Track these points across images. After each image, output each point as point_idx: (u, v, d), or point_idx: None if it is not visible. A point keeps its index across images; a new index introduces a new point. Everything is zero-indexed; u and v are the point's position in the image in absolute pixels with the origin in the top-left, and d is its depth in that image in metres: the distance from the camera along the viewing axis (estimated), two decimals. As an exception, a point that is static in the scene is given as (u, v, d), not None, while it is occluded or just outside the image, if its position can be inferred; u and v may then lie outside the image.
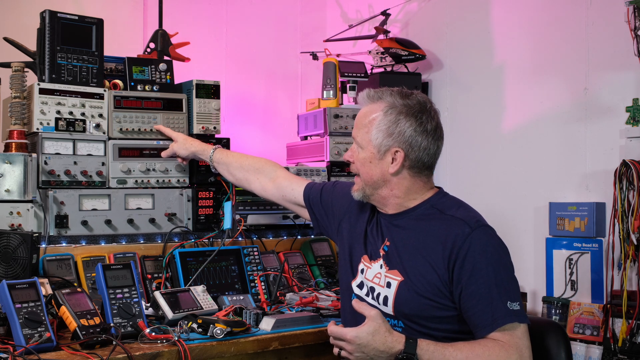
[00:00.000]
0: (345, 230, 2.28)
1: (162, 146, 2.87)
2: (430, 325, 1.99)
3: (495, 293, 1.90)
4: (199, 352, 2.07)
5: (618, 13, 2.75)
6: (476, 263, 1.92)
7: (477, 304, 1.91)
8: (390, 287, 2.04)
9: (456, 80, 3.51)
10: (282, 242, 3.07)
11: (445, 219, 2.02)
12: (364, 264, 2.15)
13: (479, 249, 1.94)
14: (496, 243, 1.98)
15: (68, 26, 2.74)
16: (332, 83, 3.47)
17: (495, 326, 1.88)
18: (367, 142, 2.08)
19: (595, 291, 2.80)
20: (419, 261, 2.01)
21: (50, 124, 2.68)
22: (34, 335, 1.94)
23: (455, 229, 1.97)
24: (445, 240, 1.97)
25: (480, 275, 1.91)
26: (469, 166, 3.44)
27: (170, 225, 2.84)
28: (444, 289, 1.97)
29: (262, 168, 2.64)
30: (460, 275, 1.93)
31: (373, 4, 3.93)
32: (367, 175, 2.10)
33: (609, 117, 2.83)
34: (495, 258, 1.94)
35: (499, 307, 1.89)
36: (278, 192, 2.57)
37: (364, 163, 2.10)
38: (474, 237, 1.95)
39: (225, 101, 3.43)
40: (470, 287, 1.92)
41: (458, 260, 1.94)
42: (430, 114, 2.06)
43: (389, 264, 2.07)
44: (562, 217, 2.91)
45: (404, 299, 2.01)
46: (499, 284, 1.91)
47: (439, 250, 1.98)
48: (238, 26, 3.99)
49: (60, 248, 2.58)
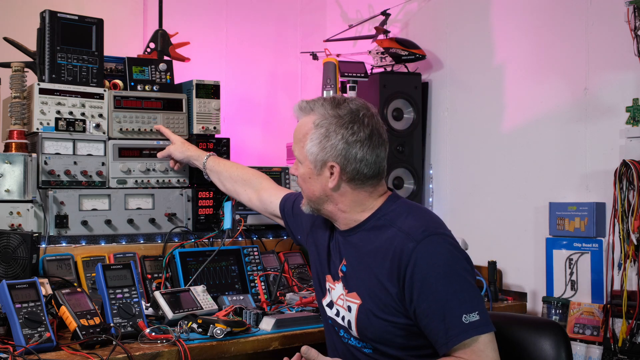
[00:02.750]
0: (313, 245, 2.18)
1: (162, 146, 2.87)
2: (396, 345, 1.90)
3: (447, 309, 1.78)
4: (199, 352, 2.07)
5: (618, 13, 2.75)
6: (424, 279, 1.80)
7: (431, 323, 1.80)
8: (350, 311, 1.95)
9: (456, 80, 3.51)
10: (282, 242, 3.07)
11: (392, 232, 1.89)
12: (329, 284, 2.07)
13: (425, 263, 1.81)
14: (445, 251, 1.83)
15: (68, 26, 2.75)
16: (332, 83, 3.47)
17: (451, 344, 1.77)
18: (303, 157, 1.96)
19: (595, 291, 2.80)
20: (372, 281, 1.90)
21: (50, 124, 2.68)
22: (34, 335, 1.94)
23: (401, 244, 1.85)
24: (393, 257, 1.86)
25: (430, 291, 1.79)
26: (469, 166, 3.44)
27: (170, 225, 2.84)
28: (399, 308, 1.86)
29: (250, 180, 2.63)
30: (412, 293, 1.82)
31: (373, 4, 3.93)
32: (309, 191, 1.99)
33: (609, 117, 2.83)
34: (445, 270, 1.81)
35: (453, 323, 1.77)
36: (261, 204, 2.56)
37: (305, 179, 1.98)
38: (419, 252, 1.81)
39: (225, 101, 3.42)
40: (422, 305, 1.80)
41: (407, 277, 1.82)
42: (364, 121, 1.91)
43: (347, 286, 1.97)
44: (562, 217, 2.91)
45: (365, 323, 1.92)
46: (451, 298, 1.78)
47: (388, 268, 1.86)
48: (238, 26, 3.99)
49: (60, 248, 2.58)
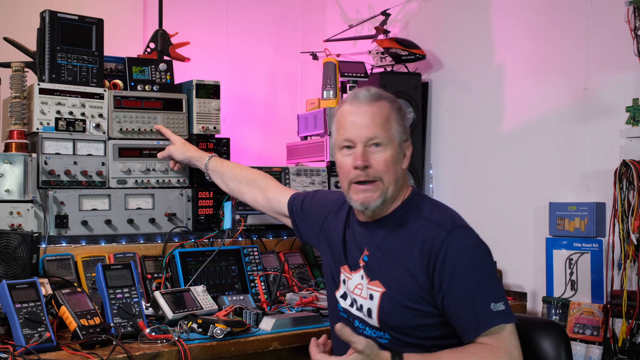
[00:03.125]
0: (324, 240, 2.23)
1: (162, 146, 2.87)
2: (417, 335, 1.95)
3: (477, 296, 1.85)
4: (199, 352, 2.07)
5: (618, 13, 2.75)
6: (455, 267, 1.87)
7: (460, 310, 1.86)
8: (372, 299, 2.00)
9: (456, 80, 3.51)
10: (282, 242, 3.07)
11: (421, 223, 1.97)
12: (344, 274, 2.11)
13: (456, 252, 1.89)
14: (474, 243, 1.93)
15: (68, 26, 2.75)
16: (332, 83, 3.47)
17: (480, 330, 1.83)
18: (390, 139, 2.00)
19: (595, 291, 2.80)
20: (399, 270, 1.96)
21: (50, 124, 2.68)
22: (34, 335, 1.94)
23: (431, 233, 1.92)
24: (422, 247, 1.92)
25: (461, 279, 1.87)
26: (469, 166, 3.44)
27: (170, 225, 2.84)
28: (427, 297, 1.92)
29: (255, 180, 2.63)
30: (441, 281, 1.89)
31: (373, 4, 3.93)
32: (394, 175, 2.00)
33: (609, 117, 2.83)
34: (474, 260, 1.89)
35: (483, 310, 1.84)
36: (267, 204, 2.56)
37: (393, 162, 2.00)
38: (451, 241, 1.90)
39: (225, 101, 3.43)
40: (451, 292, 1.87)
41: (437, 266, 1.89)
42: None
43: (370, 275, 2.02)
44: (562, 217, 2.91)
45: (388, 310, 1.96)
46: (480, 286, 1.86)
47: (417, 258, 1.93)
48: (238, 26, 3.99)
49: (60, 248, 2.58)
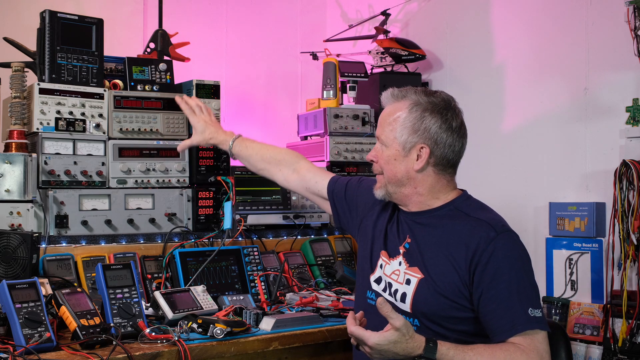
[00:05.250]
0: (367, 227, 2.26)
1: (162, 146, 2.87)
2: (447, 325, 1.98)
3: (516, 300, 1.89)
4: (199, 352, 2.07)
5: (618, 13, 2.75)
6: (499, 267, 1.92)
7: (497, 309, 1.90)
8: (409, 284, 2.03)
9: (456, 80, 3.51)
10: (282, 242, 3.07)
11: (470, 220, 2.02)
12: (382, 260, 2.14)
13: (503, 253, 1.93)
14: (520, 249, 1.98)
15: (68, 26, 2.74)
16: (332, 83, 3.47)
17: (515, 331, 1.87)
18: (391, 140, 2.07)
19: (595, 291, 2.80)
20: (440, 260, 2.00)
21: (50, 124, 2.68)
22: (34, 335, 1.94)
23: (480, 231, 1.97)
24: (469, 242, 1.96)
25: (502, 280, 1.91)
26: (469, 166, 3.41)
27: (170, 225, 2.84)
28: (464, 290, 1.96)
29: (284, 159, 2.56)
30: (482, 279, 1.92)
31: (373, 4, 3.93)
32: (391, 173, 2.09)
33: (609, 117, 2.83)
34: (518, 264, 1.94)
35: (520, 313, 1.88)
36: (301, 183, 2.51)
37: (388, 161, 2.09)
38: (499, 242, 1.94)
39: (225, 101, 3.43)
40: (491, 291, 1.91)
41: (480, 263, 1.93)
42: (455, 111, 2.08)
43: (409, 261, 2.06)
44: (562, 217, 2.91)
45: (423, 296, 2.00)
46: (521, 290, 1.91)
47: (462, 251, 1.97)
48: (238, 26, 3.99)
49: (60, 248, 2.58)
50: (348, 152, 3.37)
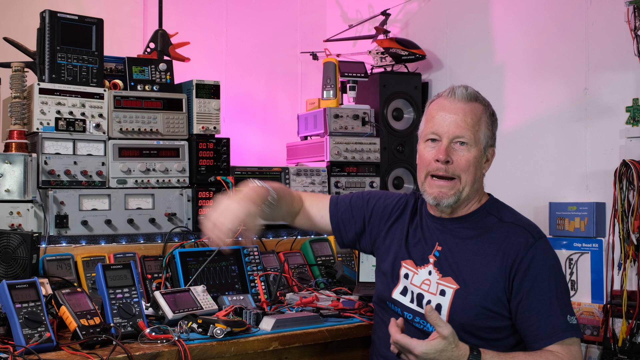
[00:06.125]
0: (386, 240, 2.20)
1: (162, 146, 2.87)
2: (481, 335, 1.96)
3: (556, 306, 1.90)
4: (199, 352, 2.07)
5: (618, 13, 2.75)
6: (538, 274, 1.92)
7: (537, 316, 1.90)
8: (444, 295, 2.00)
9: (456, 80, 3.50)
10: (282, 242, 3.07)
11: (505, 226, 2.02)
12: (407, 269, 2.10)
13: (542, 260, 1.94)
14: (555, 255, 2.00)
15: (68, 26, 2.75)
16: (332, 83, 3.47)
17: (555, 339, 1.88)
18: (476, 141, 2.02)
19: (595, 291, 2.80)
20: (477, 269, 1.98)
21: (50, 124, 2.68)
22: (34, 335, 1.94)
23: (519, 237, 1.97)
24: (507, 248, 1.96)
25: (542, 286, 1.91)
26: (469, 166, 3.44)
27: (170, 225, 2.84)
28: (503, 298, 1.95)
29: (294, 209, 2.33)
30: (522, 285, 1.92)
31: (373, 4, 3.93)
32: (472, 176, 2.03)
33: (609, 117, 2.83)
34: (556, 271, 1.96)
35: (560, 320, 1.89)
36: (313, 223, 2.36)
37: (474, 162, 2.02)
38: (538, 248, 1.95)
39: (225, 101, 3.43)
40: (531, 297, 1.91)
41: (520, 270, 1.93)
42: None
43: (442, 271, 2.03)
44: (562, 217, 2.91)
45: (461, 307, 1.97)
46: (560, 297, 1.92)
47: (499, 258, 1.96)
48: (238, 26, 3.99)
49: (60, 248, 2.58)
50: (348, 152, 3.37)
